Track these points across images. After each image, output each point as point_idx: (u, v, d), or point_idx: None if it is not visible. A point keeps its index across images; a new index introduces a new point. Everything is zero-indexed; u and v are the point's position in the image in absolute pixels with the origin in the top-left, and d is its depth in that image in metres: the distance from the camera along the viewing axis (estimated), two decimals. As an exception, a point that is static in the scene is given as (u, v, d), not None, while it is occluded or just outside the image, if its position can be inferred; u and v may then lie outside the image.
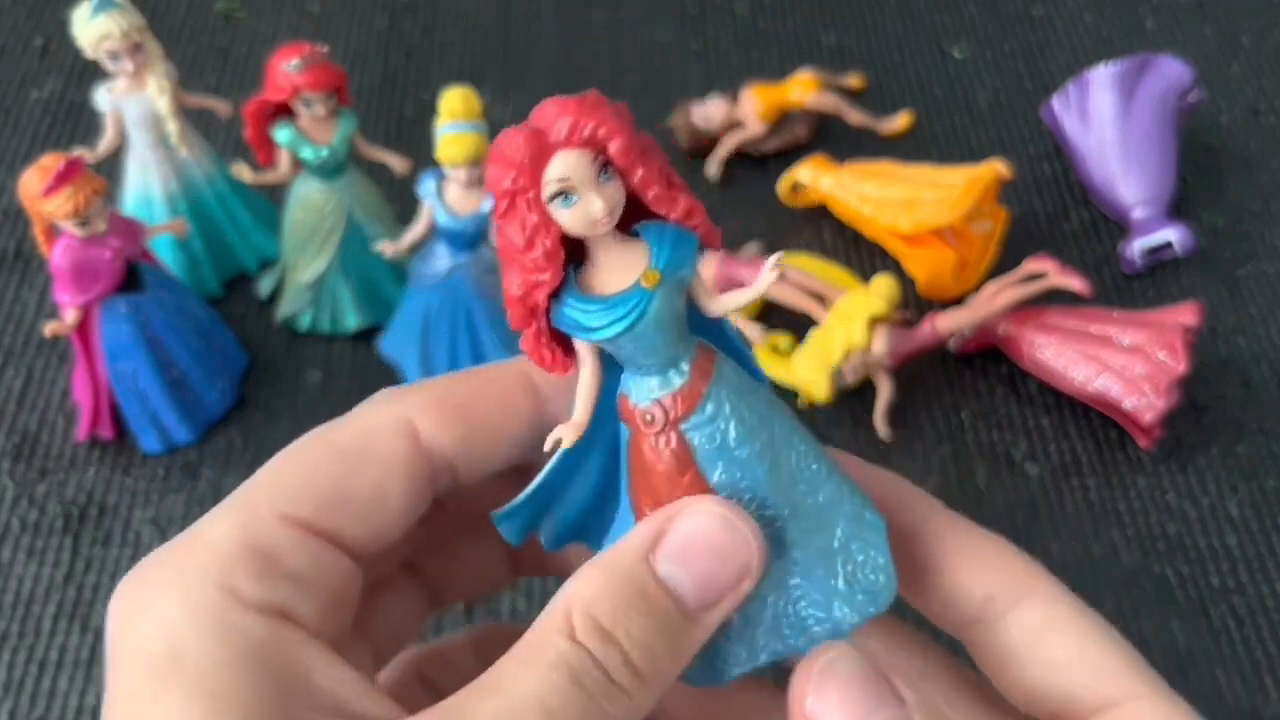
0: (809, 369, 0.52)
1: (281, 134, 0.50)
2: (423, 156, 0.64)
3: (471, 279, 0.50)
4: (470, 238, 0.49)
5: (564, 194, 0.22)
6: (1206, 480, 0.52)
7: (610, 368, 0.24)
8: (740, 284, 0.55)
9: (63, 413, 0.53)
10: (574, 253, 0.23)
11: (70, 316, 0.47)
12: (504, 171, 0.22)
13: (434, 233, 0.50)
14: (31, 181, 0.44)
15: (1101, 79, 0.61)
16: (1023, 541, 0.52)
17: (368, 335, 0.54)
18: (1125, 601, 0.48)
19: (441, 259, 0.50)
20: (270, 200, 0.59)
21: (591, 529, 0.26)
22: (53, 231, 0.46)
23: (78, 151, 0.48)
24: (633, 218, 0.24)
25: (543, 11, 0.73)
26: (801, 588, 0.25)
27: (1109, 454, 0.53)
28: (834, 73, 0.69)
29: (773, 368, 0.54)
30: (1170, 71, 0.61)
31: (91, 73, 0.68)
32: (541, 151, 0.22)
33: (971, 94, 0.69)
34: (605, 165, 0.23)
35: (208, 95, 0.58)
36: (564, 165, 0.22)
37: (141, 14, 0.50)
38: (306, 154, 0.50)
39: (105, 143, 0.52)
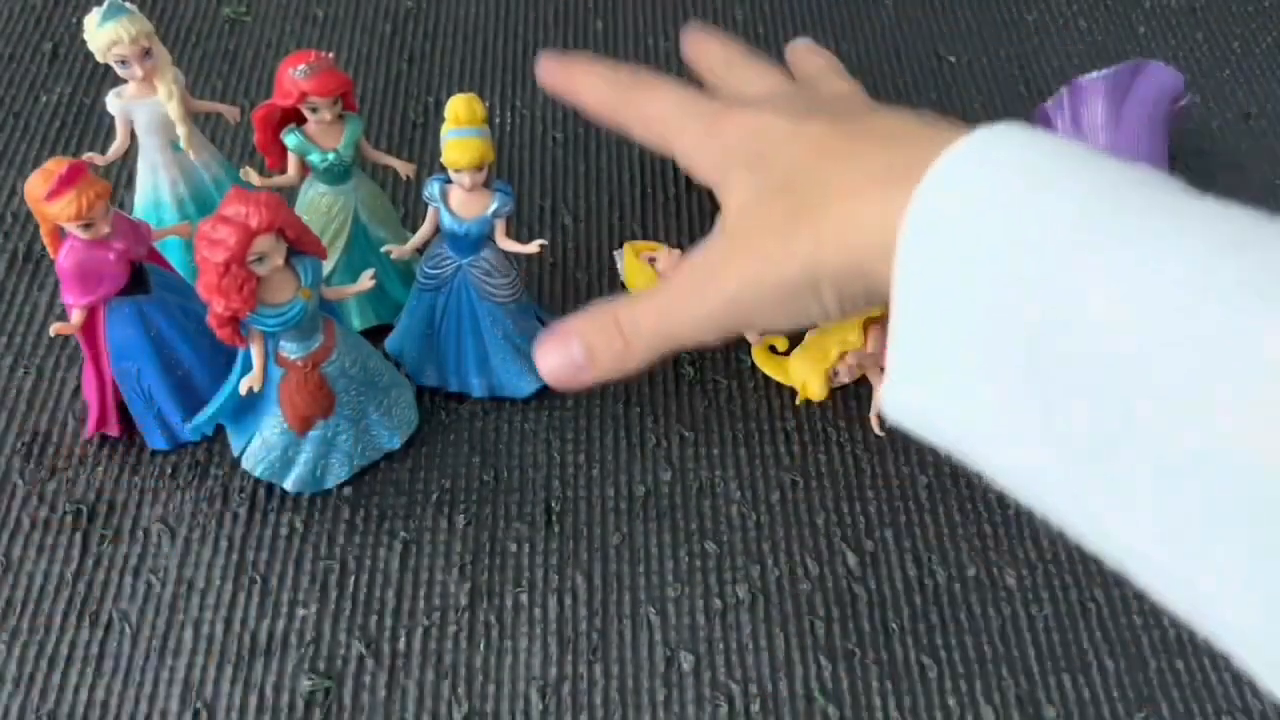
0: (805, 369, 0.53)
1: (290, 139, 0.51)
2: (427, 160, 0.65)
3: (475, 280, 0.51)
4: (474, 240, 0.50)
5: (260, 257, 0.42)
6: (1197, 478, 0.53)
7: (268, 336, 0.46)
8: None
9: (72, 411, 0.54)
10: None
11: (75, 317, 0.48)
12: (221, 250, 0.41)
13: (439, 235, 0.50)
14: (36, 185, 0.45)
15: (1093, 84, 0.62)
16: (1015, 535, 0.53)
17: (374, 334, 0.55)
18: (1118, 594, 0.49)
19: (447, 261, 0.50)
20: (276, 203, 0.60)
21: (242, 423, 0.50)
22: (59, 234, 0.47)
23: (88, 155, 0.49)
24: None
25: (544, 18, 0.74)
26: (373, 424, 0.51)
27: (1101, 452, 0.54)
28: None
29: (769, 367, 0.55)
30: (1161, 77, 0.62)
31: (100, 77, 0.69)
32: (247, 235, 0.41)
33: (966, 99, 0.70)
34: (279, 235, 0.43)
35: (216, 100, 0.59)
36: (261, 243, 0.42)
37: (150, 19, 0.51)
38: (314, 158, 0.51)
39: (114, 147, 0.53)
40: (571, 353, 0.35)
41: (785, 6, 0.75)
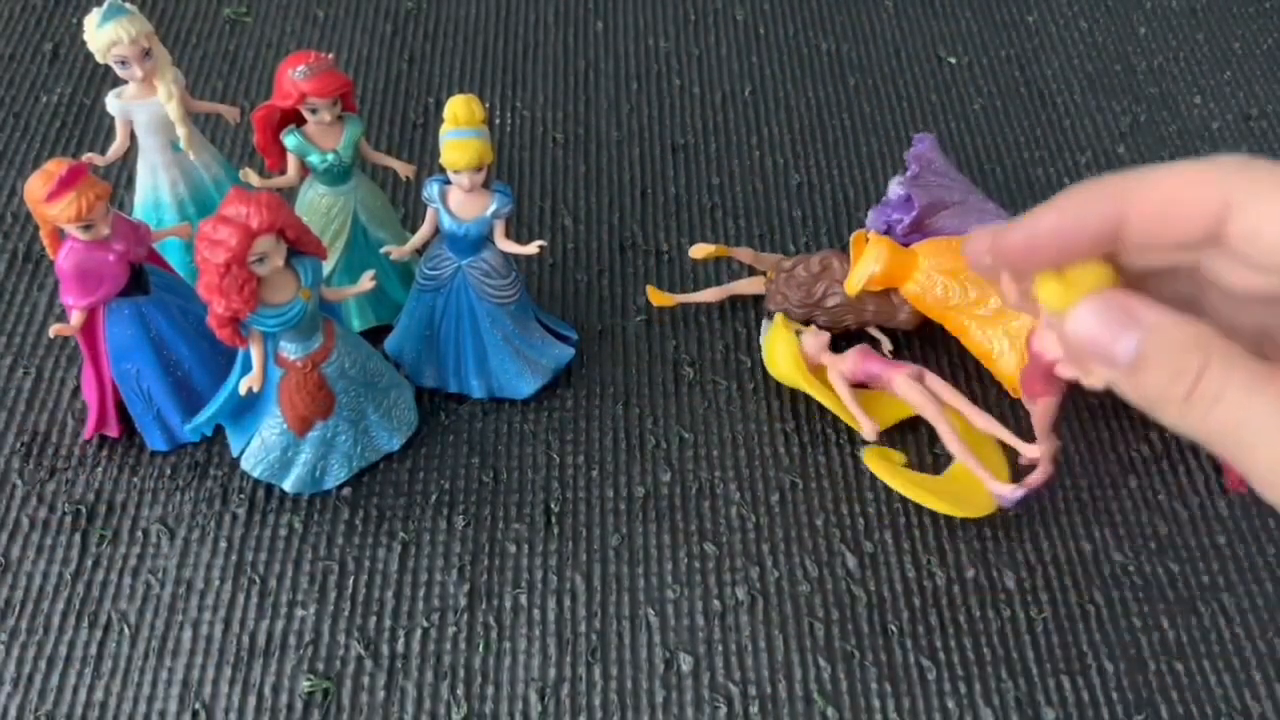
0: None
1: (289, 140, 0.51)
2: (427, 160, 0.65)
3: (475, 281, 0.51)
4: (473, 241, 0.50)
5: (260, 258, 0.43)
6: (1197, 481, 0.53)
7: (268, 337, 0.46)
8: (876, 377, 0.53)
9: (72, 412, 0.54)
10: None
11: (74, 318, 0.48)
12: (221, 250, 0.42)
13: (438, 236, 0.50)
14: (35, 186, 0.45)
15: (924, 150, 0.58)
16: (1014, 537, 0.53)
17: (374, 335, 0.55)
18: (1116, 597, 0.49)
19: (446, 261, 0.50)
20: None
21: (242, 424, 0.51)
22: (58, 235, 0.47)
23: (87, 156, 0.49)
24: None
25: (544, 19, 0.74)
26: (372, 425, 0.51)
27: (1101, 455, 0.54)
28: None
29: (887, 476, 0.51)
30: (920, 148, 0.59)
31: (101, 77, 0.68)
32: (248, 235, 0.42)
33: (966, 99, 0.70)
34: (279, 235, 0.43)
35: (216, 101, 0.58)
36: (262, 244, 0.42)
37: (150, 20, 0.51)
38: (313, 159, 0.51)
39: (114, 147, 0.53)
40: (1120, 342, 0.23)
41: (785, 6, 0.75)
